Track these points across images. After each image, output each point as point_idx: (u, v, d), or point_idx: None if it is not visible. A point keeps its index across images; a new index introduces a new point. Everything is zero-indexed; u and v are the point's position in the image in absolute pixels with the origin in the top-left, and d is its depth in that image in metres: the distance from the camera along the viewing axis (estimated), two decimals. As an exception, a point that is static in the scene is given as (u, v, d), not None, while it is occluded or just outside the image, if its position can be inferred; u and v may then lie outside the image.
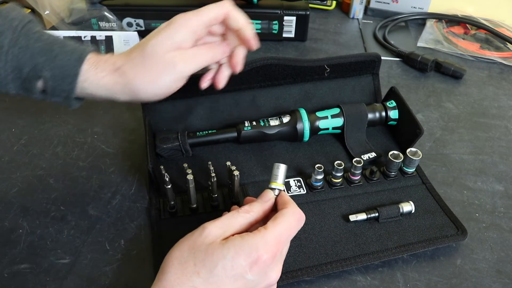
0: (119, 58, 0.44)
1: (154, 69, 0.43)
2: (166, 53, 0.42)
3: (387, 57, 0.81)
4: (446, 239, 0.47)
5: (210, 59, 0.46)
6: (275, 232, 0.36)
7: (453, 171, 0.58)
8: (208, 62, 0.46)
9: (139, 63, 0.43)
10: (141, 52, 0.43)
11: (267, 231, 0.36)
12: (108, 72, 0.43)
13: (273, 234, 0.36)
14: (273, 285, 0.38)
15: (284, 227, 0.37)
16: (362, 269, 0.45)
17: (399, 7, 0.94)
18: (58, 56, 0.41)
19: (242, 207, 0.39)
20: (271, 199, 0.40)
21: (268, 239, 0.35)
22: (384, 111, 0.60)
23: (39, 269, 0.44)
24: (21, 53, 0.40)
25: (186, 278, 0.34)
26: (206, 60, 0.46)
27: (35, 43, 0.41)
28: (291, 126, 0.57)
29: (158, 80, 0.43)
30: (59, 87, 0.42)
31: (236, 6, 0.46)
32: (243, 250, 0.34)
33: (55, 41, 0.42)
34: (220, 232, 0.36)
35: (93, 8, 0.79)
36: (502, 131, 0.65)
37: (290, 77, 0.60)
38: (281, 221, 0.37)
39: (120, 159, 0.57)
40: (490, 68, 0.80)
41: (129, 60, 0.43)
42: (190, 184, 0.46)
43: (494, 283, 0.45)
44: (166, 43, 0.42)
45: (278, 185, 0.41)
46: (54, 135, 0.61)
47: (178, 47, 0.43)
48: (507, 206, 0.53)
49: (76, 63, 0.41)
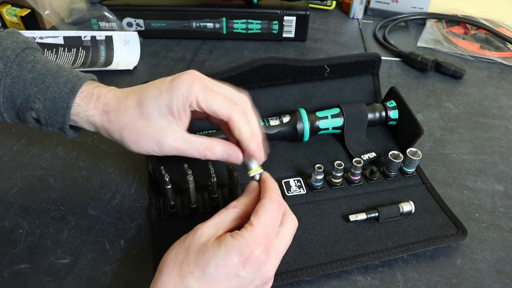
0: (113, 99, 0.41)
1: (142, 132, 0.40)
2: (159, 118, 0.39)
3: (387, 57, 0.81)
4: (446, 239, 0.47)
5: (202, 157, 0.41)
6: (260, 225, 0.36)
7: (453, 171, 0.58)
8: (197, 157, 0.41)
9: (130, 116, 0.40)
10: (136, 107, 0.40)
11: (252, 227, 0.36)
12: (97, 113, 0.41)
13: (259, 228, 0.36)
14: (269, 281, 0.38)
15: (267, 217, 0.37)
16: (362, 269, 0.45)
17: (399, 7, 0.94)
18: (50, 88, 0.40)
19: (230, 203, 0.39)
20: (255, 188, 0.41)
21: (255, 234, 0.35)
22: (384, 111, 0.60)
23: (39, 269, 0.44)
24: (13, 84, 0.40)
25: (180, 279, 0.34)
26: (196, 155, 0.41)
27: (28, 73, 0.40)
28: (291, 126, 0.57)
29: (143, 144, 0.41)
30: (51, 118, 0.41)
31: (249, 91, 0.41)
32: (234, 248, 0.34)
33: (49, 71, 0.41)
34: (213, 232, 0.36)
35: (93, 8, 0.79)
36: (502, 131, 0.65)
37: (290, 77, 0.60)
38: (262, 213, 0.37)
39: (120, 159, 0.57)
40: (490, 68, 0.80)
41: (122, 109, 0.40)
42: (190, 184, 0.46)
43: (494, 283, 0.45)
44: (162, 109, 0.39)
45: (255, 171, 0.42)
46: (54, 135, 0.60)
47: (173, 114, 0.39)
48: (507, 206, 0.53)
49: (68, 96, 0.40)
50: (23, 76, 0.40)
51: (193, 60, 0.78)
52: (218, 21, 0.81)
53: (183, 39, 0.84)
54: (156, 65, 0.77)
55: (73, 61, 0.75)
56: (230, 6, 0.80)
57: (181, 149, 0.41)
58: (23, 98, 0.40)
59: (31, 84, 0.40)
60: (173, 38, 0.84)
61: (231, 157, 0.42)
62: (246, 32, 0.83)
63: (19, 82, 0.40)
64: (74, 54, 0.75)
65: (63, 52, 0.75)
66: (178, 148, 0.41)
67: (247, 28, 0.82)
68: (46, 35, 0.75)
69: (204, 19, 0.81)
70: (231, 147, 0.42)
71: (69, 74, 0.41)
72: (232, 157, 0.42)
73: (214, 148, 0.41)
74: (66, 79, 0.41)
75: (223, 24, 0.82)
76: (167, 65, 0.77)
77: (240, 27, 0.82)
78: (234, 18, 0.81)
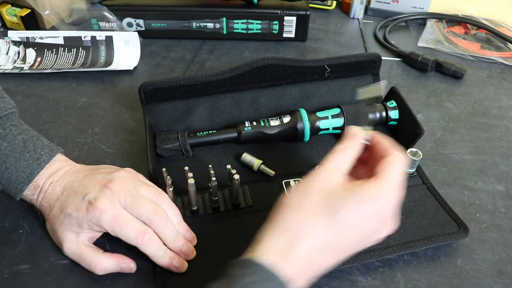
0: (47, 203, 0.45)
1: (53, 232, 0.45)
2: (67, 227, 0.43)
3: (387, 57, 0.81)
4: (447, 237, 0.47)
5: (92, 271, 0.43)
6: (393, 180, 0.37)
7: (453, 171, 0.57)
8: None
9: (51, 223, 0.45)
10: (58, 213, 0.44)
11: (384, 180, 0.36)
12: (42, 207, 0.45)
13: (393, 182, 0.37)
14: (380, 240, 0.39)
15: (399, 173, 0.38)
16: (362, 269, 0.45)
17: (400, 7, 0.94)
18: (9, 169, 0.43)
19: (340, 146, 0.40)
20: (356, 133, 0.41)
21: (388, 187, 0.36)
22: (385, 111, 0.59)
23: (39, 270, 0.44)
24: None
25: (307, 218, 0.35)
26: (88, 268, 0.43)
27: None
28: (291, 126, 0.57)
29: (61, 246, 0.44)
30: (5, 190, 0.45)
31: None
32: (369, 196, 0.35)
33: (12, 152, 0.44)
34: (337, 176, 0.37)
35: (93, 8, 0.79)
36: (503, 131, 0.65)
37: (290, 77, 0.60)
38: (394, 168, 0.37)
39: (120, 159, 0.57)
40: (491, 68, 0.80)
41: (52, 214, 0.44)
42: (191, 188, 0.46)
43: (495, 284, 0.45)
44: (73, 222, 0.43)
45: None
46: (54, 135, 0.60)
47: (81, 228, 0.43)
48: (508, 206, 0.53)
49: (24, 182, 0.44)
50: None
51: (193, 60, 0.78)
52: (218, 21, 0.81)
53: (183, 39, 0.84)
54: (156, 65, 0.77)
55: (73, 61, 0.75)
56: (230, 6, 0.80)
57: (74, 259, 0.44)
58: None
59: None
60: (173, 38, 0.84)
61: (123, 269, 0.44)
62: (246, 32, 0.83)
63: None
64: (74, 54, 0.75)
65: (63, 52, 0.75)
66: (72, 257, 0.44)
67: (247, 28, 0.82)
68: (46, 35, 0.75)
69: (204, 19, 0.81)
70: (123, 259, 0.44)
71: (31, 158, 0.44)
72: (125, 269, 0.44)
73: (102, 263, 0.43)
74: (26, 164, 0.44)
75: (223, 24, 0.82)
76: (167, 65, 0.77)
77: (240, 27, 0.82)
78: (234, 18, 0.81)
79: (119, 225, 0.42)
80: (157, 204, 0.44)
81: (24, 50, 0.75)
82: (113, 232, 0.42)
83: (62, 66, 0.73)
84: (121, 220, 0.42)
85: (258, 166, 0.54)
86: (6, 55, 0.74)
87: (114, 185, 0.43)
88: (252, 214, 0.50)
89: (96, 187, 0.43)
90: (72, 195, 0.44)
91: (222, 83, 0.58)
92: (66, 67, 0.73)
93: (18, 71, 0.72)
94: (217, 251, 0.46)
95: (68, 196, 0.44)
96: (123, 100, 0.68)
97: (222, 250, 0.46)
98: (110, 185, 0.43)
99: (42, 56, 0.75)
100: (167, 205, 0.45)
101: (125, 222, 0.42)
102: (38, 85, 0.70)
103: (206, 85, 0.57)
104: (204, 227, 0.48)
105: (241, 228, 0.48)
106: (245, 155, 0.55)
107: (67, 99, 0.67)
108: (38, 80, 0.71)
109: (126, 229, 0.42)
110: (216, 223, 0.49)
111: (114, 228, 0.42)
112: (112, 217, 0.41)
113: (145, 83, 0.56)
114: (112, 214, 0.42)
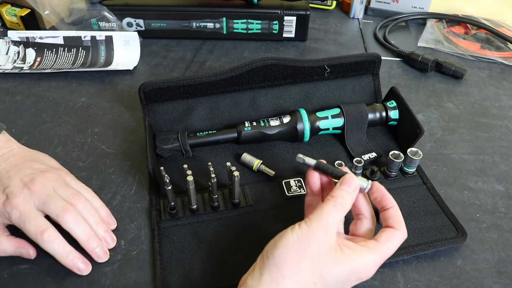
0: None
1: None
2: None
3: (387, 57, 0.81)
4: (446, 242, 0.47)
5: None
6: (385, 253, 0.39)
7: (453, 171, 0.57)
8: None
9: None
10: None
11: (382, 254, 0.38)
12: None
13: (384, 255, 0.39)
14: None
15: (393, 247, 0.39)
16: (362, 270, 0.45)
17: (400, 7, 0.94)
18: None
19: (331, 196, 0.40)
20: (356, 186, 0.41)
21: (381, 260, 0.38)
22: (385, 111, 0.59)
23: (39, 270, 0.44)
24: None
25: (301, 283, 0.35)
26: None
27: None
28: (291, 127, 0.57)
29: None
30: None
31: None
32: (358, 267, 0.37)
33: None
34: (331, 237, 0.37)
35: (93, 8, 0.79)
36: (503, 131, 0.65)
37: (290, 77, 0.60)
38: (392, 244, 0.39)
39: (120, 159, 0.57)
40: (491, 68, 0.80)
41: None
42: (190, 185, 0.46)
43: (495, 284, 0.45)
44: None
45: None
46: (54, 135, 0.60)
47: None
48: (508, 207, 0.53)
49: None
50: None
51: (193, 60, 0.78)
52: (218, 21, 0.81)
53: (183, 39, 0.84)
54: (156, 65, 0.77)
55: (73, 61, 0.75)
56: (230, 6, 0.80)
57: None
58: None
59: None
60: (173, 38, 0.84)
61: (22, 254, 0.45)
62: (246, 32, 0.83)
63: None
64: (74, 54, 0.75)
65: (63, 52, 0.75)
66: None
67: (247, 28, 0.82)
68: (46, 35, 0.75)
69: (204, 19, 0.81)
70: (23, 245, 0.45)
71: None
72: (24, 254, 0.45)
73: (1, 246, 0.44)
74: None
75: (223, 24, 0.81)
76: (167, 65, 0.77)
77: (240, 27, 0.82)
78: (234, 18, 0.81)
79: (23, 222, 0.43)
80: (71, 203, 0.45)
81: (24, 50, 0.75)
82: (20, 227, 0.44)
83: (62, 66, 0.73)
84: (26, 217, 0.43)
85: (258, 166, 0.54)
86: (6, 55, 0.74)
87: (35, 186, 0.44)
88: (252, 214, 0.50)
89: (18, 183, 0.44)
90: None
91: (222, 83, 0.58)
92: (66, 67, 0.73)
93: (18, 71, 0.72)
94: (217, 250, 0.46)
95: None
96: (123, 100, 0.68)
97: (222, 249, 0.46)
98: (31, 185, 0.44)
99: (42, 56, 0.75)
100: (82, 205, 0.46)
101: (29, 220, 0.43)
102: (38, 85, 0.70)
103: (206, 85, 0.57)
104: (203, 226, 0.48)
105: (240, 227, 0.48)
106: (245, 155, 0.55)
107: (67, 99, 0.67)
108: (38, 80, 0.71)
109: (29, 226, 0.43)
110: (215, 222, 0.49)
111: (20, 224, 0.43)
112: (20, 213, 0.43)
113: (145, 83, 0.56)
114: (21, 211, 0.43)
